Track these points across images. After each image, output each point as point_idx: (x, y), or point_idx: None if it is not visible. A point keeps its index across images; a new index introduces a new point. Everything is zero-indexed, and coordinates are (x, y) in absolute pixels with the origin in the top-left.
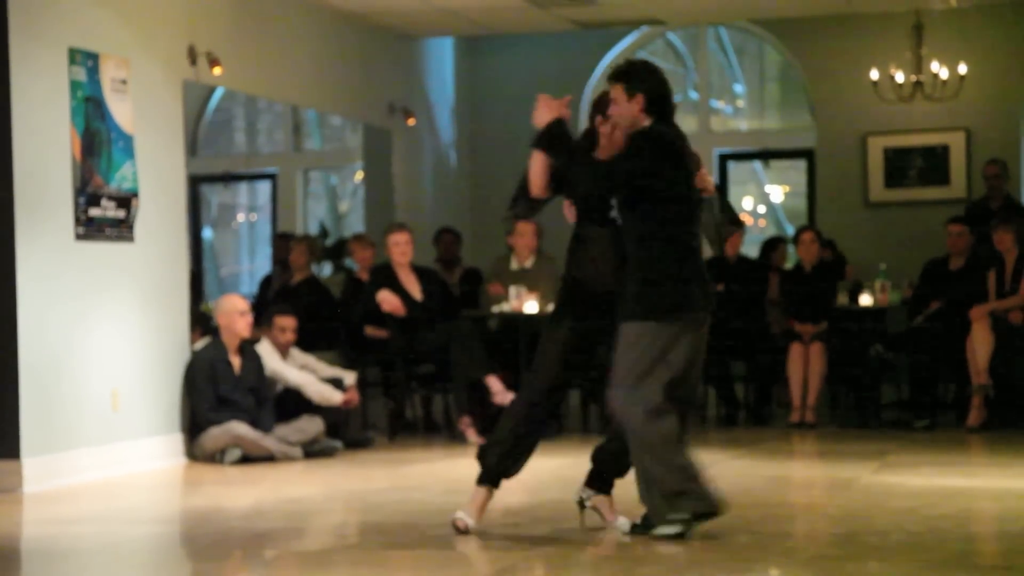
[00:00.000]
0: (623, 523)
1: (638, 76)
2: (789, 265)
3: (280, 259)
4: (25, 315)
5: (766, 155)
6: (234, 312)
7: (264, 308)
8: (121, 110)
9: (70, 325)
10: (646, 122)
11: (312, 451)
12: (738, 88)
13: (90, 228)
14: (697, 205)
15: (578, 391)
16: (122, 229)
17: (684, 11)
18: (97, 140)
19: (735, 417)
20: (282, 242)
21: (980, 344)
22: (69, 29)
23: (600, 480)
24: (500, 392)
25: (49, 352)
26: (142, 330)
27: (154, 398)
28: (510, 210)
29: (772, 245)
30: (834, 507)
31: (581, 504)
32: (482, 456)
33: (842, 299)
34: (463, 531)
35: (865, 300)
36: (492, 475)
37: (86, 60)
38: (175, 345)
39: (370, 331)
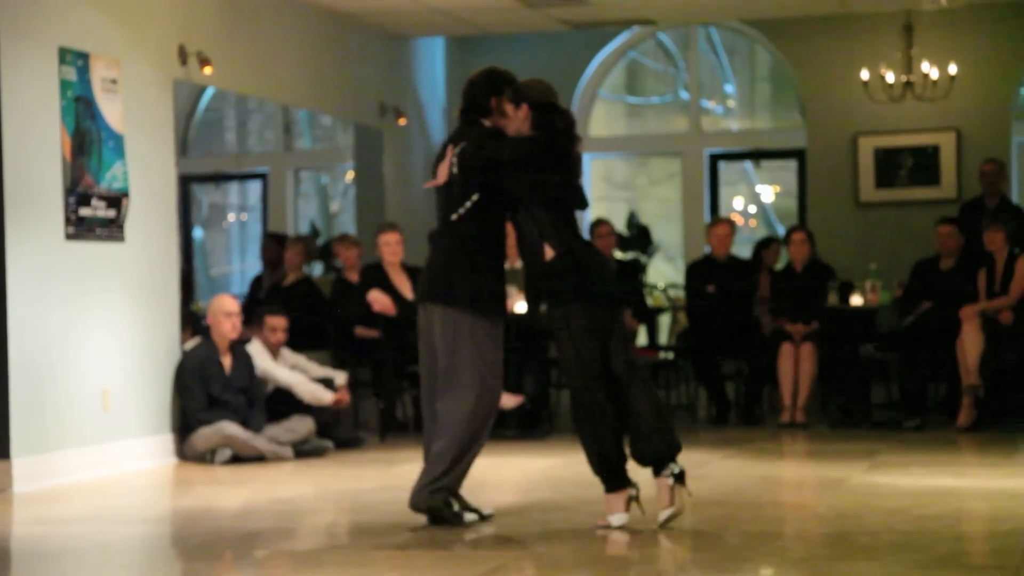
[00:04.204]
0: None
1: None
2: (780, 265)
3: (268, 259)
4: (15, 315)
5: (757, 155)
6: (220, 313)
7: (255, 308)
8: (111, 110)
9: (60, 325)
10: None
11: (303, 451)
12: (729, 88)
13: (80, 228)
14: None
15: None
16: (112, 229)
17: (675, 11)
18: (87, 140)
19: (725, 417)
20: (269, 242)
21: (970, 344)
22: (59, 29)
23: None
24: None
25: (39, 352)
26: (133, 330)
27: (144, 398)
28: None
29: (764, 245)
30: (824, 507)
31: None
32: None
33: (833, 299)
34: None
35: (855, 300)
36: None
37: (76, 60)
38: (166, 345)
39: (361, 331)
